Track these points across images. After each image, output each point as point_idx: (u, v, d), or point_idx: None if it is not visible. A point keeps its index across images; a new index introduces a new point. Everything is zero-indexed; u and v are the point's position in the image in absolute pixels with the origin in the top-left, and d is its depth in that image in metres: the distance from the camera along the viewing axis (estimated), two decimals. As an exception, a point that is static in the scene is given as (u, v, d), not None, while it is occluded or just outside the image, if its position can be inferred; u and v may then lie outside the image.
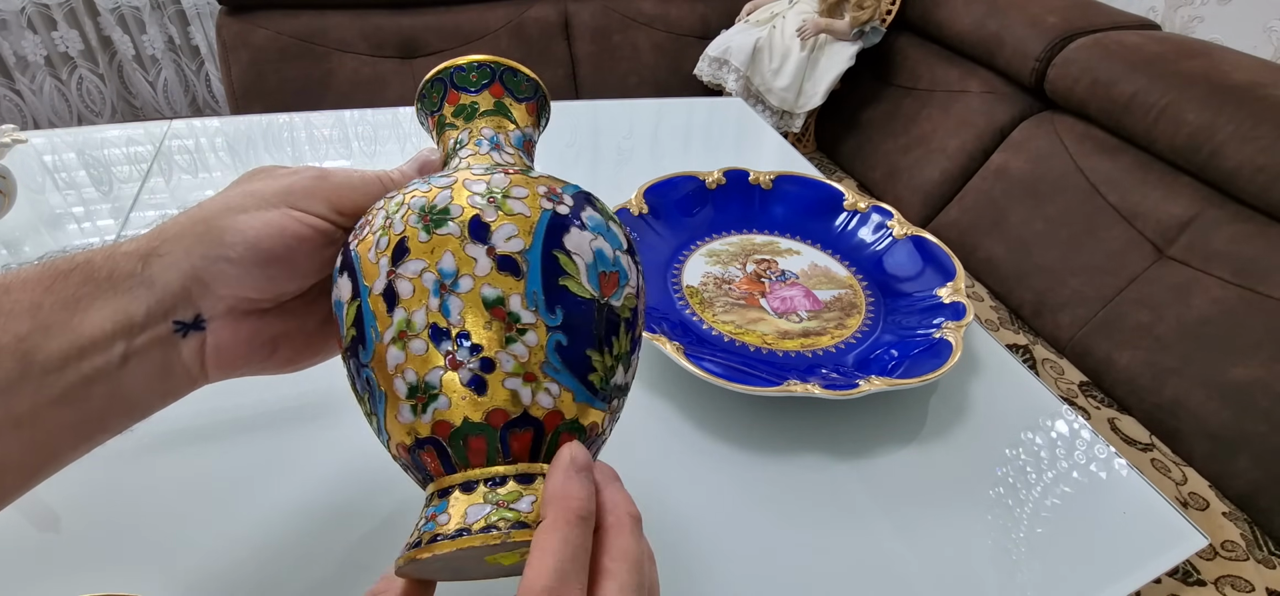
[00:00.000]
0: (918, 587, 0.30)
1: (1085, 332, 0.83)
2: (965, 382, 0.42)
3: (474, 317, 0.17)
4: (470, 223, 0.18)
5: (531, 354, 0.17)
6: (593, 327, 0.18)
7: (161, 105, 1.57)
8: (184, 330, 0.19)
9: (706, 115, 0.83)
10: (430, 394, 0.17)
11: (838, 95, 1.34)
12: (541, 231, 0.18)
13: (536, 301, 0.17)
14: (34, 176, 0.57)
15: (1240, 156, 0.76)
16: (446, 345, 0.17)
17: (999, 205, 1.01)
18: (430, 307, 0.17)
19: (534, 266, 0.18)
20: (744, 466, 0.35)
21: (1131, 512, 0.35)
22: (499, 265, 0.17)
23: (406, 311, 0.17)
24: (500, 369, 0.17)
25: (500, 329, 0.17)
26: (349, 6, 1.25)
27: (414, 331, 0.17)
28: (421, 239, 0.18)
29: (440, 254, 0.17)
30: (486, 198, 0.18)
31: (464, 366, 0.17)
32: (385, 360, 0.18)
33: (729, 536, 0.32)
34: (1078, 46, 0.98)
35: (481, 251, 0.17)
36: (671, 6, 1.41)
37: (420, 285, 0.17)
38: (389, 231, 0.18)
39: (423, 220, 0.18)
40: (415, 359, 0.17)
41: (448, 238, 0.18)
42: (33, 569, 0.28)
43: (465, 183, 0.19)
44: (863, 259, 0.50)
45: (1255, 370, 0.68)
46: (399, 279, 0.17)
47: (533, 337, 0.17)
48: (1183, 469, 0.69)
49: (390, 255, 0.18)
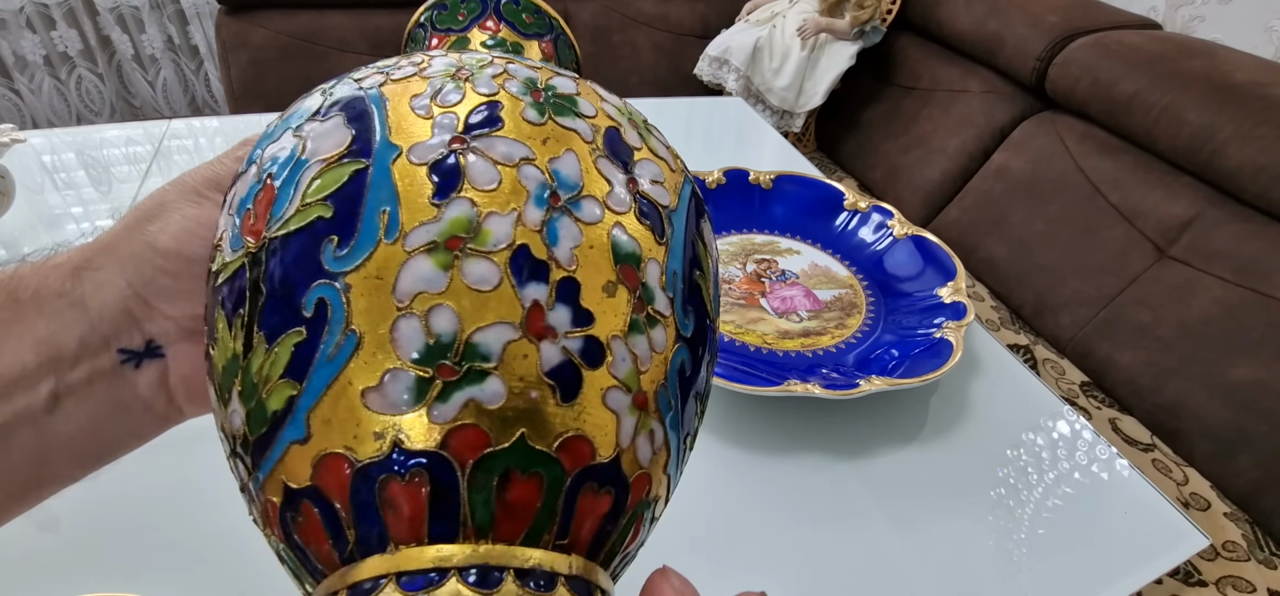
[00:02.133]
0: (918, 588, 0.30)
1: (1086, 333, 0.83)
2: (966, 383, 0.42)
3: (594, 268, 0.11)
4: (608, 133, 0.12)
5: (654, 364, 0.11)
6: (707, 362, 0.13)
7: (160, 105, 1.56)
8: (134, 360, 0.15)
9: (707, 115, 0.83)
10: (471, 366, 0.10)
11: (838, 95, 1.34)
12: (685, 198, 0.13)
13: (675, 286, 0.12)
14: (33, 176, 0.56)
15: (1241, 156, 0.76)
16: (536, 290, 0.10)
17: (1000, 205, 1.00)
18: (525, 218, 0.10)
19: (678, 234, 0.12)
20: (744, 466, 0.35)
21: (1133, 513, 0.35)
22: (642, 210, 0.12)
23: (476, 209, 0.10)
24: (609, 367, 0.10)
25: (627, 302, 0.11)
26: (348, 6, 1.25)
27: (483, 244, 0.10)
28: (529, 116, 0.12)
29: (558, 150, 0.11)
30: (628, 115, 0.13)
31: (556, 339, 0.10)
32: (394, 279, 0.10)
33: (729, 536, 0.31)
34: (1078, 46, 0.97)
35: (620, 177, 0.12)
36: (672, 6, 1.41)
37: (514, 179, 0.11)
38: (464, 85, 0.12)
39: (532, 94, 0.12)
40: (468, 296, 0.10)
41: (572, 135, 0.12)
42: (33, 570, 0.27)
43: (588, 82, 0.14)
44: (863, 259, 0.50)
45: (1257, 370, 0.68)
46: (474, 154, 0.11)
47: (661, 338, 0.11)
48: (1184, 469, 0.69)
49: (465, 115, 0.11)
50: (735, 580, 0.30)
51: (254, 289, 0.11)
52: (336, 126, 0.12)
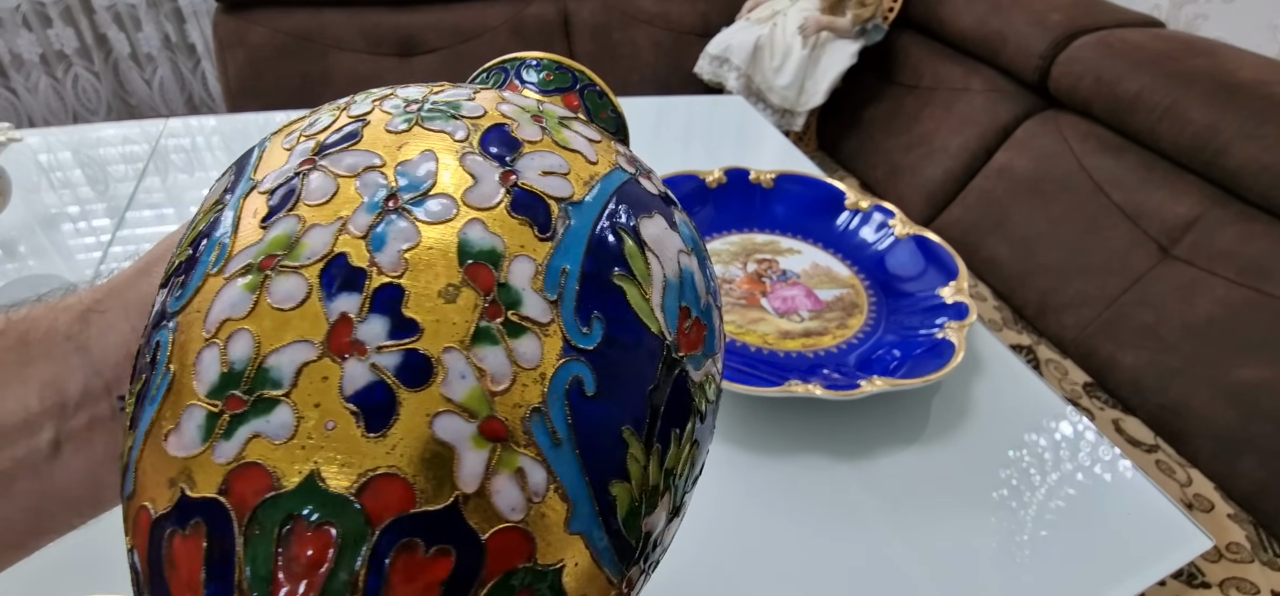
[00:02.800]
0: (920, 589, 0.30)
1: (1089, 333, 0.82)
2: (968, 383, 0.41)
3: (429, 269, 0.09)
4: (490, 130, 0.11)
5: (517, 382, 0.09)
6: (646, 388, 0.10)
7: (158, 103, 1.56)
8: None
9: (707, 113, 0.82)
10: (259, 395, 0.08)
11: (839, 93, 1.33)
12: (606, 191, 0.11)
13: (562, 288, 0.09)
14: (29, 175, 0.56)
15: (1245, 155, 0.75)
16: (347, 301, 0.09)
17: (1002, 204, 1.00)
18: (350, 226, 0.09)
19: (578, 231, 0.10)
20: (745, 467, 0.35)
21: (1136, 514, 0.35)
22: (515, 203, 0.10)
23: (300, 223, 0.09)
24: (441, 386, 0.08)
25: (474, 307, 0.09)
26: (346, 4, 1.25)
27: (296, 258, 0.09)
28: (391, 125, 0.11)
29: (414, 152, 0.10)
30: (533, 112, 0.12)
31: (364, 355, 0.08)
32: (207, 310, 0.09)
33: (729, 537, 0.31)
34: (1081, 44, 0.97)
35: (492, 172, 0.10)
36: (672, 4, 1.40)
37: (350, 189, 0.10)
38: (337, 112, 0.11)
39: (407, 108, 0.11)
40: (269, 316, 0.09)
41: (441, 137, 0.10)
42: (33, 570, 0.27)
43: (511, 95, 0.12)
44: (864, 258, 0.50)
45: (1261, 370, 0.68)
46: (316, 172, 0.10)
47: (531, 349, 0.09)
48: (1188, 470, 0.68)
49: (321, 139, 0.11)
50: (735, 581, 0.30)
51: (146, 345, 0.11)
52: (223, 175, 0.12)
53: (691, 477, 0.12)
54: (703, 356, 0.12)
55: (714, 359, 0.12)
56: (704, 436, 0.12)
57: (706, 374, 0.12)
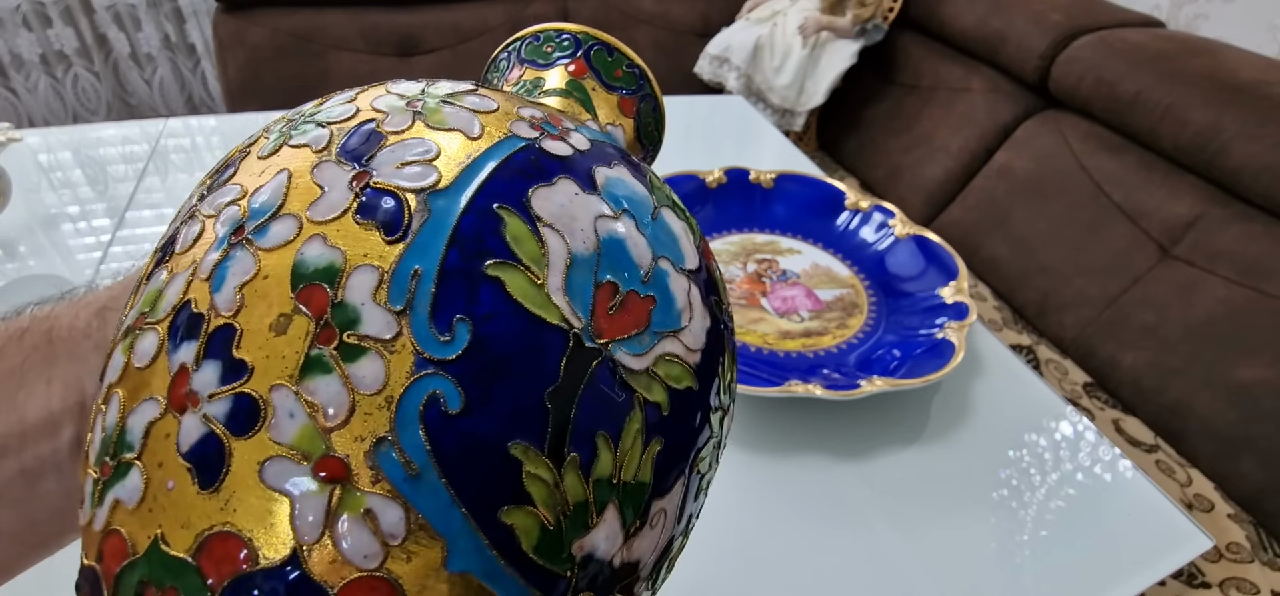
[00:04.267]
0: (920, 589, 0.30)
1: (1089, 333, 0.82)
2: (968, 383, 0.41)
3: (263, 302, 0.08)
4: (353, 130, 0.10)
5: (357, 411, 0.08)
6: (540, 391, 0.08)
7: (157, 103, 1.56)
8: None
9: (707, 113, 0.82)
10: (120, 459, 0.08)
11: (840, 93, 1.33)
12: (486, 164, 0.09)
13: (412, 294, 0.08)
14: (29, 176, 0.56)
15: (1245, 155, 0.75)
16: (186, 351, 0.08)
17: (1002, 204, 1.00)
18: (199, 268, 0.09)
19: (438, 223, 0.09)
20: (745, 467, 0.35)
21: (1136, 514, 0.35)
22: (362, 207, 0.09)
23: (168, 274, 0.09)
24: (268, 429, 0.08)
25: (303, 335, 0.08)
26: (346, 4, 1.25)
27: (155, 313, 0.09)
28: (262, 150, 0.10)
29: (271, 173, 0.09)
30: (410, 99, 0.10)
31: (197, 407, 0.08)
32: (103, 374, 0.10)
33: (729, 538, 0.31)
34: (1081, 44, 0.97)
35: (344, 177, 0.09)
36: (672, 4, 1.40)
37: (211, 229, 0.09)
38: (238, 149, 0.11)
39: (285, 125, 0.10)
40: (132, 374, 0.09)
41: (301, 151, 0.10)
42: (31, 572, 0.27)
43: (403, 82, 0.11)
44: (865, 258, 0.50)
45: (1261, 370, 0.68)
46: (192, 218, 0.10)
47: (371, 372, 0.08)
48: (1188, 470, 0.68)
49: (210, 180, 0.10)
50: (735, 582, 0.30)
51: None
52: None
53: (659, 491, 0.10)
54: (648, 337, 0.10)
55: (677, 337, 0.10)
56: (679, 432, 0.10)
57: (661, 358, 0.10)
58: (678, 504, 0.10)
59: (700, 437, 0.11)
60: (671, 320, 0.10)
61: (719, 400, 0.11)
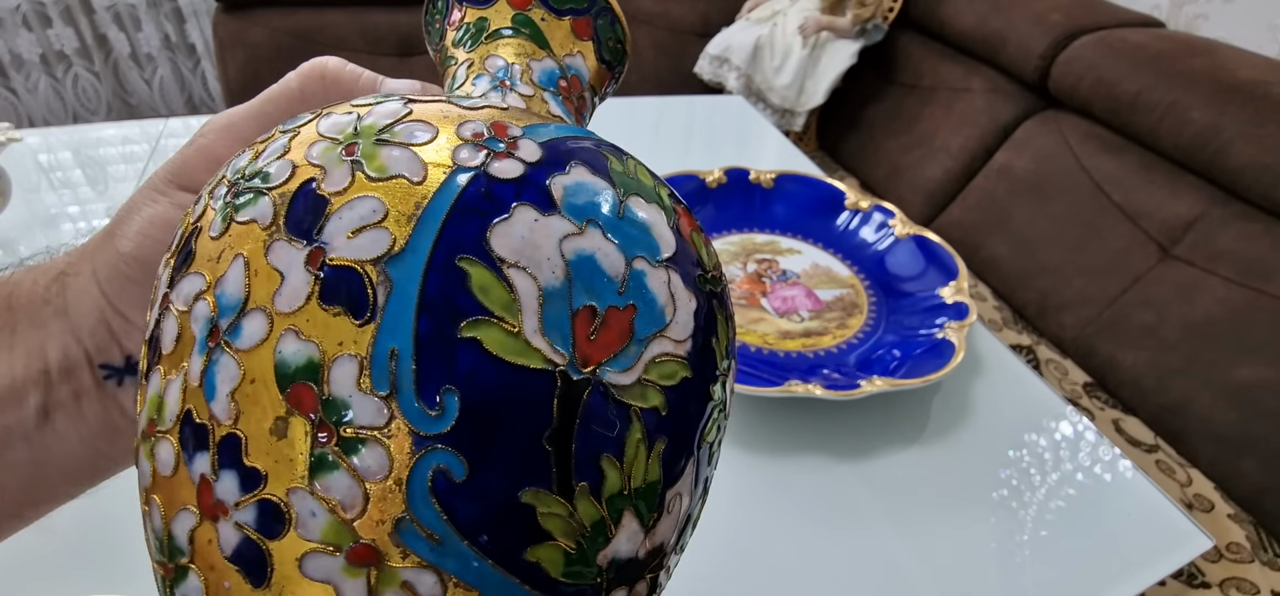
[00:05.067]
0: (920, 589, 0.30)
1: (1089, 333, 0.82)
2: (968, 383, 0.41)
3: (256, 408, 0.08)
4: (295, 196, 0.09)
5: (371, 498, 0.08)
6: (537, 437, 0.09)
7: (157, 103, 1.56)
8: (117, 377, 0.14)
9: (707, 113, 0.82)
10: (176, 562, 0.09)
11: (840, 93, 1.33)
12: (438, 214, 0.09)
13: (394, 376, 0.08)
14: (29, 175, 0.56)
15: (1245, 155, 0.75)
16: (202, 462, 0.09)
17: (1002, 204, 1.00)
18: (189, 375, 0.09)
19: (403, 293, 0.09)
20: (745, 467, 0.35)
21: (1136, 514, 0.35)
22: (325, 290, 0.09)
23: (162, 379, 0.09)
24: (297, 529, 0.08)
25: (303, 436, 0.08)
26: (346, 4, 1.25)
27: (164, 423, 0.09)
28: (213, 230, 0.10)
29: (227, 259, 0.09)
30: (345, 143, 0.10)
31: (228, 515, 0.08)
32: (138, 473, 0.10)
33: (729, 538, 0.31)
34: (1081, 44, 0.97)
35: (298, 257, 0.09)
36: (672, 4, 1.40)
37: (187, 327, 0.09)
38: (187, 216, 0.11)
39: (229, 192, 0.10)
40: (161, 482, 0.09)
41: (250, 229, 0.09)
42: (32, 571, 0.27)
43: (328, 117, 0.11)
44: (865, 258, 0.50)
45: (1261, 370, 0.68)
46: (167, 312, 0.10)
47: (375, 460, 0.08)
48: (1188, 470, 0.68)
49: (173, 264, 0.10)
50: (735, 582, 0.30)
51: None
52: None
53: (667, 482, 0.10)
54: (634, 347, 0.09)
55: (663, 335, 0.10)
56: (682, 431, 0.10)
57: (651, 362, 0.10)
58: (691, 481, 0.10)
59: (703, 416, 0.11)
60: (655, 320, 0.10)
61: (718, 368, 0.11)
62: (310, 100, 0.14)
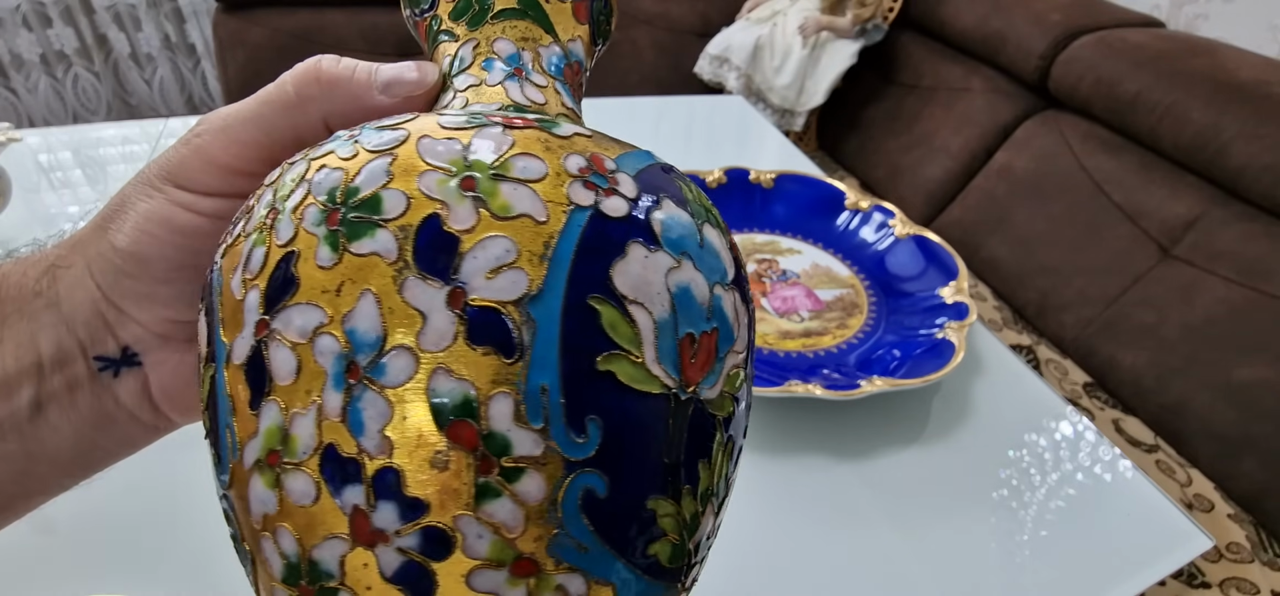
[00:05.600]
0: (920, 589, 0.30)
1: (1089, 333, 0.82)
2: (968, 383, 0.41)
3: (413, 443, 0.09)
4: (420, 232, 0.09)
5: (530, 518, 0.09)
6: (660, 453, 0.10)
7: (157, 103, 1.56)
8: (112, 368, 0.14)
9: (707, 113, 0.82)
10: (321, 585, 0.09)
11: (840, 93, 1.33)
12: (567, 256, 0.10)
13: (546, 409, 0.09)
14: (29, 175, 0.56)
15: (1246, 155, 0.75)
16: (353, 493, 0.09)
17: (1002, 204, 1.00)
18: (325, 410, 0.09)
19: (546, 333, 0.09)
20: (745, 467, 0.35)
21: (1136, 514, 0.35)
22: (472, 331, 0.09)
23: (282, 411, 0.09)
24: (464, 550, 0.09)
25: (466, 468, 0.09)
26: (346, 4, 1.25)
27: (294, 455, 0.09)
28: (322, 259, 0.10)
29: (353, 298, 0.09)
30: (460, 175, 0.10)
31: (388, 542, 0.09)
32: (247, 496, 0.10)
33: (729, 538, 0.31)
34: (1081, 44, 0.97)
35: (438, 297, 0.09)
36: (672, 4, 1.40)
37: (311, 360, 0.09)
38: (268, 235, 0.10)
39: (329, 218, 0.10)
40: (295, 511, 0.09)
41: (372, 262, 0.09)
42: (31, 571, 0.27)
43: (425, 141, 0.10)
44: (865, 258, 0.50)
45: (1261, 371, 0.68)
46: (274, 341, 0.09)
47: (533, 486, 0.09)
48: (1188, 470, 0.68)
49: (264, 288, 0.10)
50: (734, 582, 0.30)
51: None
52: (201, 320, 0.11)
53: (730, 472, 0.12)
54: (718, 365, 0.11)
55: (735, 343, 0.11)
56: (738, 428, 0.12)
57: (727, 375, 0.11)
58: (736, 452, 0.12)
59: (748, 412, 0.13)
60: (728, 338, 0.11)
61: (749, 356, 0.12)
62: (307, 103, 0.14)
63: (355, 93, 0.14)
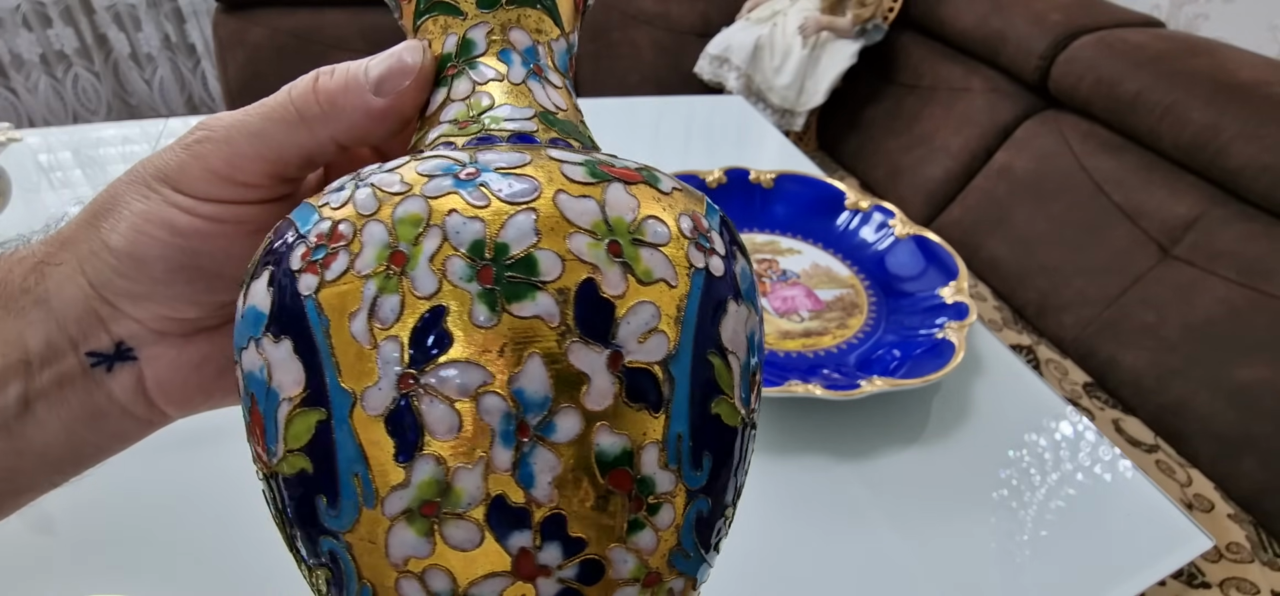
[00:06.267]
0: (920, 589, 0.30)
1: (1089, 333, 0.82)
2: (968, 383, 0.41)
3: (578, 491, 0.10)
4: (579, 298, 0.10)
5: (661, 542, 0.10)
6: (736, 472, 0.12)
7: (157, 103, 1.56)
8: (105, 363, 0.14)
9: (707, 113, 0.82)
10: None
11: (840, 93, 1.33)
12: (693, 317, 0.11)
13: (681, 453, 0.10)
14: (29, 175, 0.56)
15: (1245, 155, 0.75)
16: (520, 538, 0.10)
17: (1002, 204, 1.00)
18: (494, 465, 0.10)
19: (681, 387, 0.10)
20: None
21: (1136, 514, 0.35)
22: (629, 391, 0.10)
23: (443, 467, 0.10)
24: (612, 574, 0.10)
25: (622, 509, 0.10)
26: (346, 4, 1.25)
27: (456, 505, 0.10)
28: (479, 319, 0.10)
29: (518, 360, 0.10)
30: (606, 239, 0.10)
31: (549, 575, 0.10)
32: (384, 545, 0.10)
33: (729, 538, 0.31)
34: (1081, 44, 0.97)
35: (599, 360, 0.10)
36: (672, 4, 1.40)
37: (476, 418, 0.10)
38: (399, 283, 0.10)
39: (481, 275, 0.10)
40: (454, 556, 0.10)
41: (535, 326, 0.10)
42: (30, 571, 0.27)
43: (562, 196, 0.11)
44: (865, 258, 0.50)
45: (1261, 371, 0.68)
46: (428, 397, 0.10)
47: (668, 516, 0.10)
48: (1188, 470, 0.68)
49: (407, 341, 0.10)
50: (734, 581, 0.30)
51: (279, 512, 0.11)
52: (288, 356, 0.10)
53: None
54: (759, 388, 0.13)
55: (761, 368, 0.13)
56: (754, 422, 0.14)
57: (759, 393, 0.13)
58: None
59: None
60: (763, 362, 0.13)
61: None
62: (312, 123, 0.14)
63: (353, 104, 0.14)
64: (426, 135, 0.14)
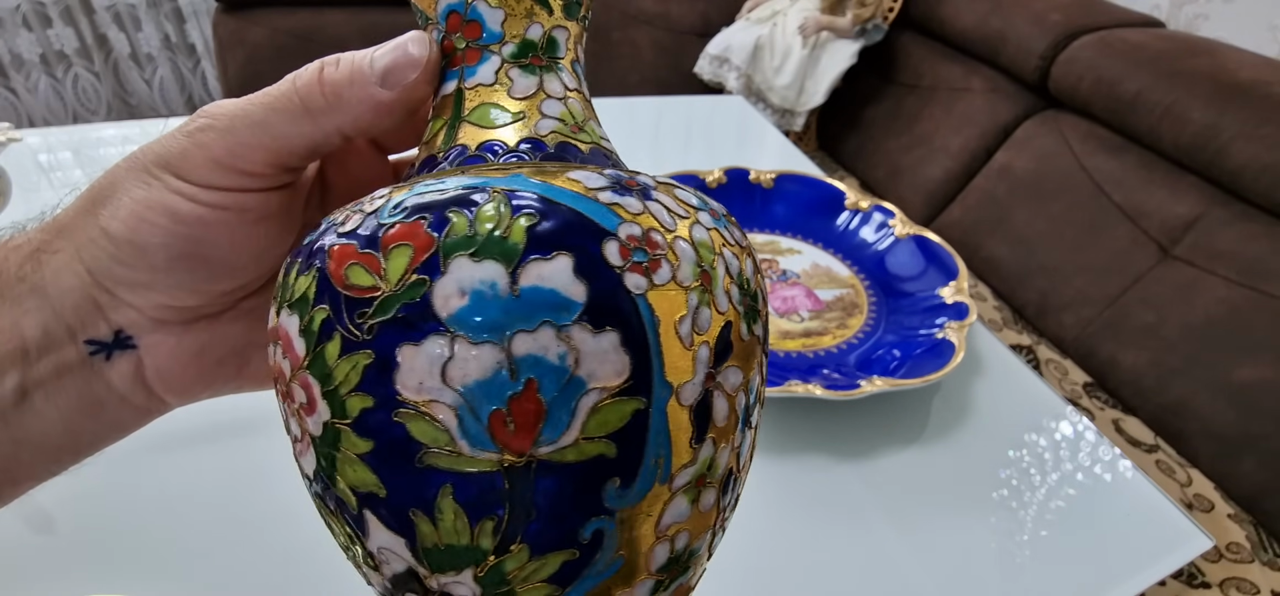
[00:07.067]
0: (920, 589, 0.30)
1: (1089, 333, 0.82)
2: (968, 383, 0.41)
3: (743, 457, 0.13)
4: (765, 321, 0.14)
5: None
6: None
7: (157, 103, 1.56)
8: (104, 351, 0.14)
9: (707, 114, 0.82)
10: (682, 566, 0.12)
11: (840, 93, 1.33)
12: None
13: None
14: (29, 175, 0.56)
15: (1246, 155, 0.75)
16: (727, 497, 0.13)
17: (1002, 204, 1.00)
18: (735, 446, 0.12)
19: None
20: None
21: (1136, 514, 0.35)
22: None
23: (715, 447, 0.12)
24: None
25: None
26: (346, 4, 1.25)
27: (714, 476, 0.12)
28: (745, 333, 0.13)
29: (754, 367, 0.13)
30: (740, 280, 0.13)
31: (725, 521, 0.13)
32: (659, 516, 0.11)
33: (729, 538, 0.31)
34: (1081, 44, 0.97)
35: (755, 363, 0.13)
36: (672, 4, 1.40)
37: (734, 409, 0.12)
38: (710, 300, 0.12)
39: (743, 302, 0.13)
40: (700, 517, 0.12)
41: (756, 345, 0.13)
42: (29, 571, 0.27)
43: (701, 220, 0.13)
44: (865, 258, 0.50)
45: (1261, 371, 0.68)
46: (718, 392, 0.12)
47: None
48: (1188, 470, 0.68)
49: (713, 347, 0.12)
50: (734, 581, 0.30)
51: (515, 501, 0.11)
52: (614, 349, 0.11)
53: None
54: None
55: None
56: None
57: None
58: None
59: None
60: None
61: None
62: (317, 115, 0.14)
63: (359, 97, 0.13)
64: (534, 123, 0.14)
